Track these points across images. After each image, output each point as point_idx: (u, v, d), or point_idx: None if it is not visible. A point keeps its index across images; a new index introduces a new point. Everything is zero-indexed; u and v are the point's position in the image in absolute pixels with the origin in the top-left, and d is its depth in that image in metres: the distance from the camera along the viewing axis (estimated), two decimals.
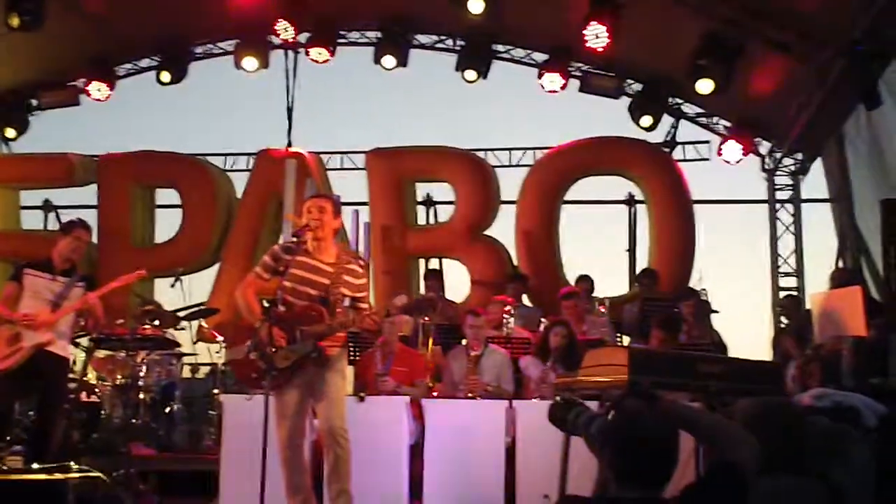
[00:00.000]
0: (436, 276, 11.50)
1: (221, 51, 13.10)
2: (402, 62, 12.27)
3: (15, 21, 10.26)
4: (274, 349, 5.78)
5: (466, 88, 12.33)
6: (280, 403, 5.90)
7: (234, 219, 12.34)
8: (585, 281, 10.29)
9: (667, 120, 12.29)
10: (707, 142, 12.51)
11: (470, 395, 7.36)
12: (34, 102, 13.25)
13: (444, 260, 12.26)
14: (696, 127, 12.49)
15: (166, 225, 12.76)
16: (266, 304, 6.03)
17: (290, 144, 12.25)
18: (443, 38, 12.59)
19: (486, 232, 11.91)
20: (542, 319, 9.51)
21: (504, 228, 11.95)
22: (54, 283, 7.03)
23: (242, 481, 6.12)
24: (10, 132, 13.21)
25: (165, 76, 12.65)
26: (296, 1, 11.34)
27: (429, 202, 12.89)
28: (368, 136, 12.71)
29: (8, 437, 7.35)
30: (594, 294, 10.01)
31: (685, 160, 12.41)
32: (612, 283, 11.61)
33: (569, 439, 5.24)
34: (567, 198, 12.03)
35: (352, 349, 7.65)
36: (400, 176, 12.15)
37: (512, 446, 6.79)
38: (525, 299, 10.58)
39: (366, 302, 6.11)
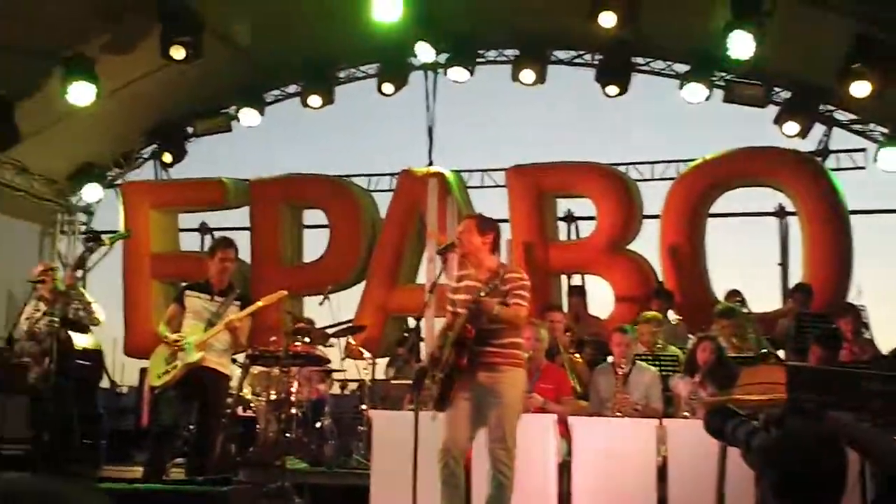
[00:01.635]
0: (578, 293, 11.46)
1: (364, 74, 13.44)
2: (541, 78, 12.31)
3: (179, 54, 10.77)
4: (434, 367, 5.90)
5: (606, 102, 12.28)
6: (446, 415, 5.90)
7: (378, 237, 12.58)
8: (736, 296, 10.05)
9: (817, 129, 11.97)
10: (863, 150, 12.10)
11: (619, 413, 7.31)
12: (190, 130, 13.87)
13: (586, 276, 12.19)
14: (849, 134, 12.10)
15: (314, 244, 13.11)
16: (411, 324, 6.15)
17: (431, 163, 12.45)
18: (581, 53, 12.60)
19: (629, 247, 11.81)
20: (690, 335, 9.36)
21: (647, 243, 11.84)
22: (212, 302, 7.29)
23: (394, 497, 6.23)
24: (167, 157, 13.84)
25: (313, 100, 13.03)
26: (435, 23, 11.52)
27: (570, 218, 12.86)
28: (508, 154, 12.76)
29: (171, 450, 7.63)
30: (745, 309, 9.78)
31: (839, 169, 12.02)
32: (763, 297, 11.31)
33: (725, 453, 5.14)
34: (713, 211, 11.82)
35: None
36: (540, 192, 12.15)
37: (663, 466, 6.69)
38: (671, 315, 10.44)
39: (517, 299, 5.91)
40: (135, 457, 10.33)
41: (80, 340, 7.70)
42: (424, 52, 11.68)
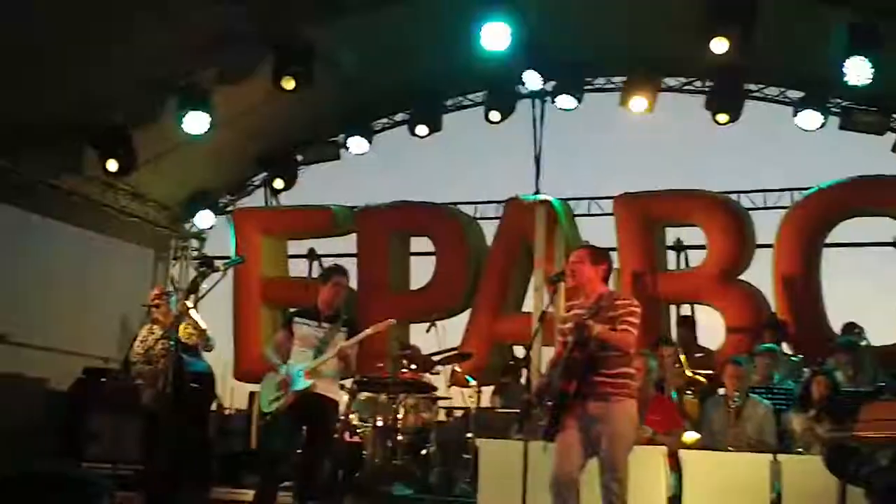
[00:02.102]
0: (688, 323, 11.26)
1: (471, 102, 13.51)
2: (651, 106, 12.17)
3: (290, 84, 10.99)
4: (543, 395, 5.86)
5: (716, 129, 12.07)
6: (557, 444, 5.83)
7: (484, 265, 12.56)
8: (853, 328, 9.73)
9: None
10: None
11: (731, 447, 7.14)
12: (299, 158, 14.11)
13: (696, 306, 11.97)
14: None
15: (421, 272, 13.14)
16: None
17: (538, 191, 12.39)
18: (691, 79, 12.44)
19: (741, 277, 11.56)
20: (805, 368, 9.09)
21: (760, 273, 11.56)
22: (319, 329, 7.32)
23: None
24: (278, 183, 14.09)
25: (421, 129, 13.13)
26: (543, 51, 11.49)
27: (679, 246, 12.63)
28: (616, 181, 12.61)
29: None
30: (864, 342, 9.45)
31: None
32: (882, 330, 10.89)
33: (845, 492, 4.97)
34: (829, 240, 11.50)
35: None
36: (649, 220, 12.00)
37: (777, 503, 6.50)
38: (785, 347, 10.16)
39: (625, 325, 5.80)
40: (243, 479, 10.49)
41: (193, 364, 7.84)
42: (532, 79, 11.66)
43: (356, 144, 13.41)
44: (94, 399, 10.92)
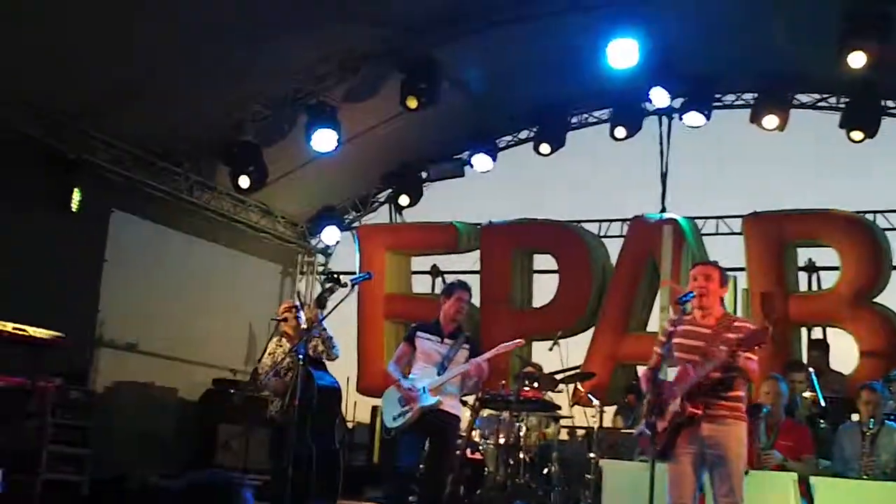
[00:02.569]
0: (820, 347, 10.92)
1: (596, 119, 13.46)
2: (783, 123, 11.89)
3: (413, 103, 11.13)
4: (652, 416, 5.78)
5: (850, 147, 11.70)
6: (670, 471, 5.81)
7: (608, 284, 12.44)
8: None
9: None
10: None
11: (865, 475, 6.90)
12: (423, 175, 14.25)
13: (828, 329, 11.61)
14: None
15: (544, 289, 13.09)
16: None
17: (664, 210, 12.23)
18: (825, 95, 12.12)
19: (876, 299, 11.17)
20: None
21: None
22: (442, 345, 7.35)
23: None
24: (403, 200, 14.25)
25: (545, 148, 13.12)
26: (670, 67, 11.36)
27: (811, 267, 12.26)
28: (744, 200, 12.34)
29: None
30: None
31: None
32: None
33: None
34: None
35: None
36: (780, 240, 11.68)
37: None
38: None
39: (750, 352, 5.74)
40: (366, 493, 10.62)
41: (321, 377, 7.95)
42: (659, 96, 11.53)
43: (480, 161, 13.47)
44: (223, 409, 11.21)
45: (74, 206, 11.03)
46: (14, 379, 7.76)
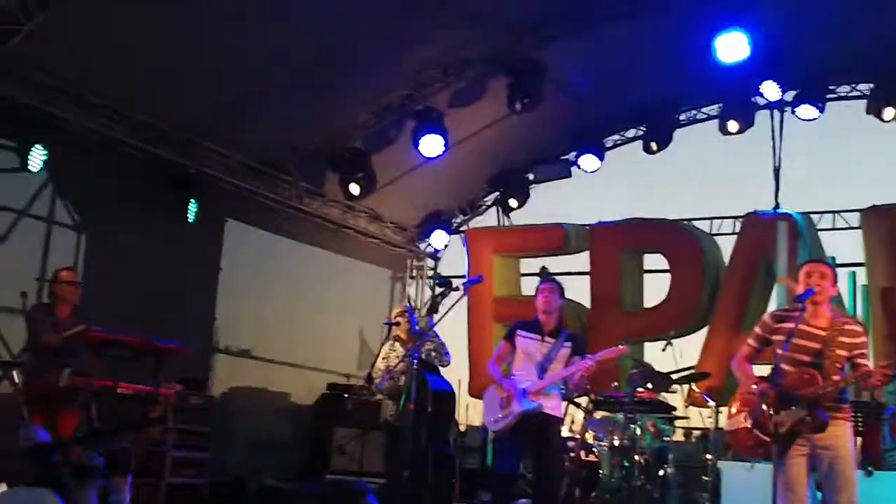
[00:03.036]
0: None
1: (705, 116, 13.24)
2: None
3: (520, 105, 11.12)
4: (770, 416, 5.64)
5: None
6: (782, 474, 5.67)
7: (721, 282, 12.22)
8: None
9: None
10: None
11: None
12: (530, 177, 14.22)
13: None
14: None
15: (654, 289, 12.93)
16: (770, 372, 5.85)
17: (777, 205, 11.97)
18: None
19: None
20: None
21: None
22: (543, 343, 7.24)
23: None
24: (512, 202, 14.25)
25: (654, 145, 12.97)
26: (782, 60, 11.11)
27: None
28: (862, 194, 11.96)
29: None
30: None
31: None
32: None
33: None
34: None
35: (858, 420, 7.22)
36: None
37: None
38: None
39: (865, 359, 5.69)
40: (480, 496, 10.63)
41: (435, 381, 7.99)
42: (770, 90, 11.29)
43: (587, 162, 13.38)
44: (338, 414, 11.35)
45: (191, 217, 11.32)
46: (138, 386, 7.98)
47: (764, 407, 5.61)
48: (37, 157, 9.60)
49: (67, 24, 9.03)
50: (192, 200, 11.33)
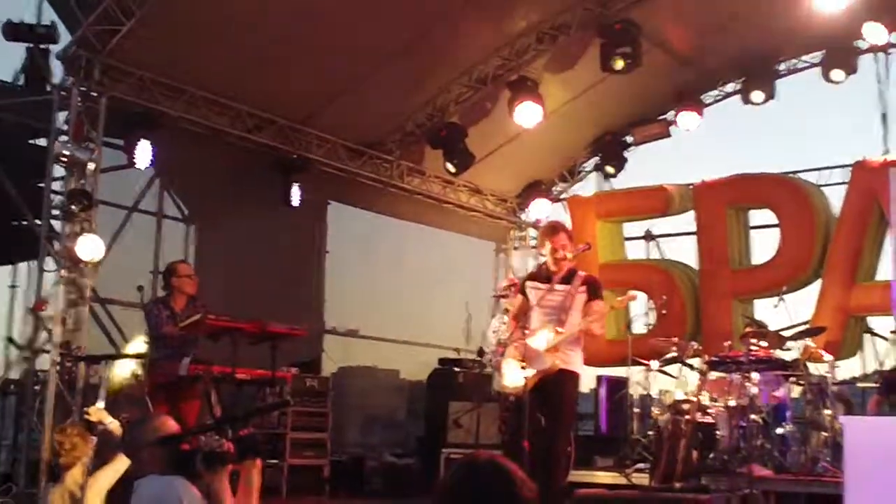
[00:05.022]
0: None
1: (807, 64, 12.88)
2: None
3: (619, 64, 10.97)
4: None
5: None
6: None
7: (832, 234, 11.91)
8: None
9: None
10: None
11: None
12: (629, 139, 14.05)
13: None
14: None
15: (763, 245, 12.69)
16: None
17: (887, 152, 11.62)
18: None
19: None
20: None
21: None
22: (554, 293, 6.93)
23: None
24: (609, 169, 14.13)
25: (755, 97, 12.67)
26: (886, 0, 10.74)
27: None
28: None
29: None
30: None
31: None
32: None
33: None
34: None
35: None
36: None
37: None
38: None
39: None
40: (597, 462, 10.63)
41: None
42: (873, 32, 10.92)
43: (687, 120, 13.16)
44: (450, 388, 11.46)
45: (295, 201, 11.51)
46: (256, 371, 8.18)
47: None
48: (143, 154, 9.85)
49: (167, 19, 9.24)
50: (295, 185, 11.51)
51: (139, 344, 8.96)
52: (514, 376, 6.94)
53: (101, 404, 6.35)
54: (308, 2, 9.67)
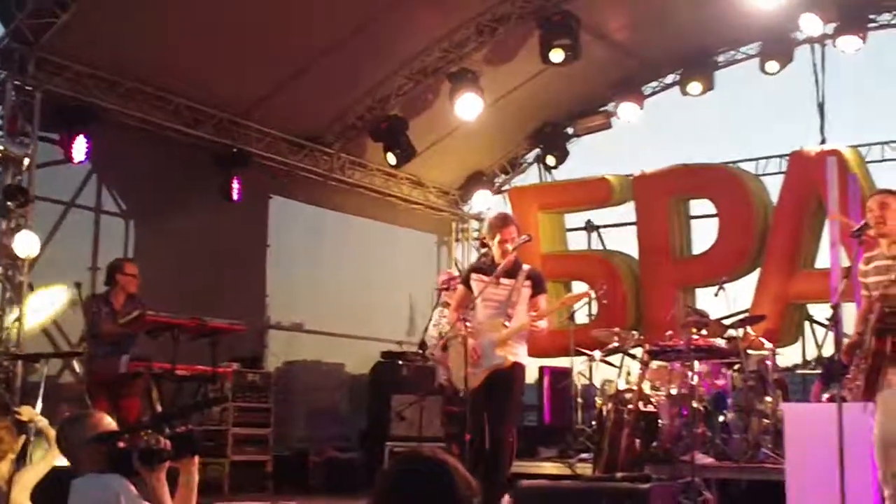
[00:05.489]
0: None
1: (745, 55, 13.03)
2: None
3: (558, 56, 10.98)
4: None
5: None
6: (878, 406, 5.54)
7: (771, 223, 12.05)
8: None
9: None
10: None
11: None
12: (570, 131, 14.11)
13: None
14: None
15: (703, 235, 12.82)
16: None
17: (824, 141, 11.79)
18: None
19: None
20: None
21: None
22: (499, 287, 6.95)
23: (815, 492, 5.94)
24: (550, 160, 14.16)
25: (693, 88, 12.79)
26: None
27: None
28: None
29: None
30: None
31: None
32: None
33: None
34: None
35: None
36: None
37: None
38: None
39: None
40: (541, 452, 10.67)
41: None
42: (810, 24, 11.07)
43: (627, 111, 13.24)
44: (394, 381, 11.42)
45: (235, 195, 11.39)
46: (197, 367, 8.10)
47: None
48: (80, 148, 9.68)
49: (102, 12, 9.08)
50: (236, 180, 11.39)
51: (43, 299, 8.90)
52: (461, 374, 6.89)
53: (38, 404, 6.24)
54: None
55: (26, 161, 9.32)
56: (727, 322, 9.68)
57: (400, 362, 11.81)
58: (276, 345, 12.61)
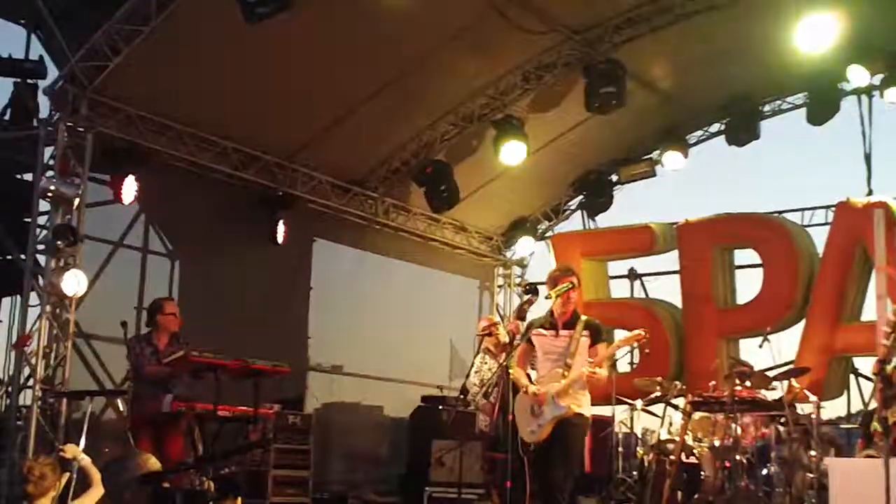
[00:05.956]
0: None
1: (791, 105, 12.99)
2: None
3: (605, 108, 11.08)
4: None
5: None
6: None
7: (816, 274, 11.94)
8: None
9: None
10: None
11: None
12: (614, 178, 14.11)
13: None
14: None
15: (748, 285, 12.72)
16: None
17: (870, 192, 11.69)
18: None
19: None
20: None
21: None
22: (558, 339, 6.97)
23: None
24: (594, 207, 14.16)
25: (739, 138, 12.76)
26: (867, 43, 10.84)
27: None
28: None
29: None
30: None
31: None
32: None
33: None
34: None
35: None
36: None
37: None
38: None
39: None
40: (581, 502, 10.56)
41: None
42: (857, 75, 11.02)
43: (672, 160, 13.24)
44: (434, 426, 11.37)
45: (279, 238, 11.50)
46: (238, 408, 8.12)
47: None
48: (129, 189, 9.82)
49: (154, 56, 9.25)
50: (281, 222, 11.51)
51: None
52: (531, 426, 6.93)
53: (82, 442, 6.28)
54: (294, 39, 9.68)
55: (76, 201, 9.45)
56: (771, 374, 9.59)
57: (440, 407, 11.76)
58: (316, 386, 12.62)
